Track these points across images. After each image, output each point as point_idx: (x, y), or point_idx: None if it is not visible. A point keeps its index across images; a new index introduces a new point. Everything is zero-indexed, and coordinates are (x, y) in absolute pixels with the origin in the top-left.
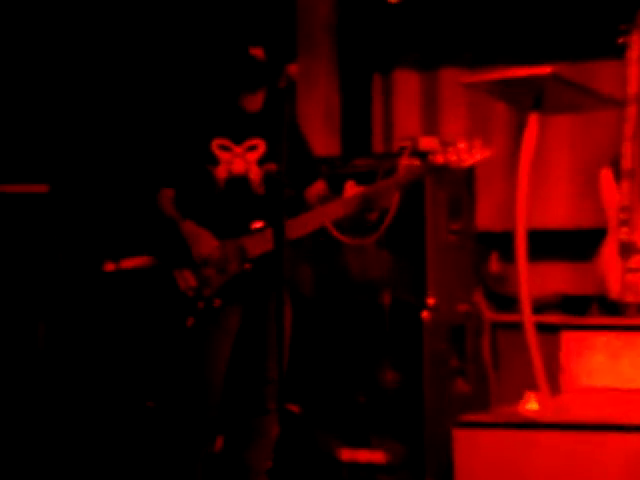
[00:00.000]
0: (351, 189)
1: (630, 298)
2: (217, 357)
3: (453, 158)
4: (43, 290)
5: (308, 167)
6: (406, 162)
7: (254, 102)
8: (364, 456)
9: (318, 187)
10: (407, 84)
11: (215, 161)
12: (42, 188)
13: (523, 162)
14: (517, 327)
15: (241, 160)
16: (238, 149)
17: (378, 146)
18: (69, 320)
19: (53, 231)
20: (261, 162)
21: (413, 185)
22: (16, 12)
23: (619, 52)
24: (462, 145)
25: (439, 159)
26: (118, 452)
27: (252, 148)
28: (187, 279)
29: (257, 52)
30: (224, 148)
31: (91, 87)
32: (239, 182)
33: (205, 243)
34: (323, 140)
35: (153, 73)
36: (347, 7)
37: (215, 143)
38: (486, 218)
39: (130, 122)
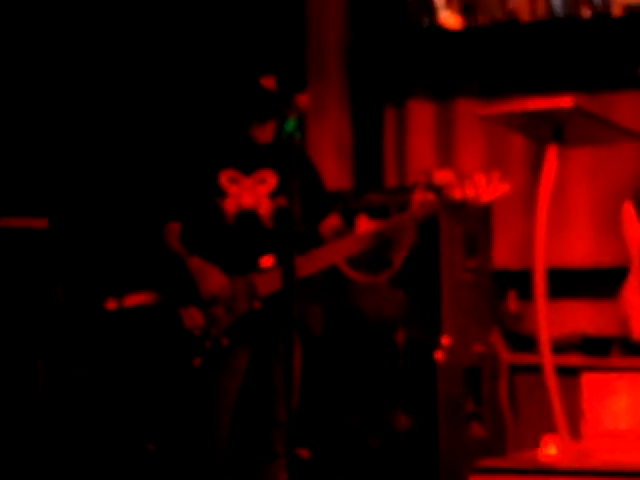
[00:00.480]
0: (363, 225)
1: None
2: (224, 399)
3: (471, 193)
4: (42, 327)
5: (320, 201)
6: (420, 197)
7: (264, 133)
8: None
9: (332, 222)
10: (421, 115)
11: (223, 194)
12: (41, 223)
13: (542, 197)
14: (536, 369)
15: (250, 193)
16: (247, 182)
17: (391, 180)
18: (69, 359)
19: (53, 267)
20: (272, 195)
21: (428, 221)
22: (18, 46)
23: (639, 83)
24: (480, 180)
25: (456, 194)
26: None
27: (262, 181)
28: (194, 317)
29: (268, 82)
30: (233, 180)
31: (94, 119)
32: (248, 216)
33: (214, 280)
34: (334, 173)
35: (160, 103)
36: (358, 35)
37: (224, 175)
38: (503, 255)
39: (135, 154)
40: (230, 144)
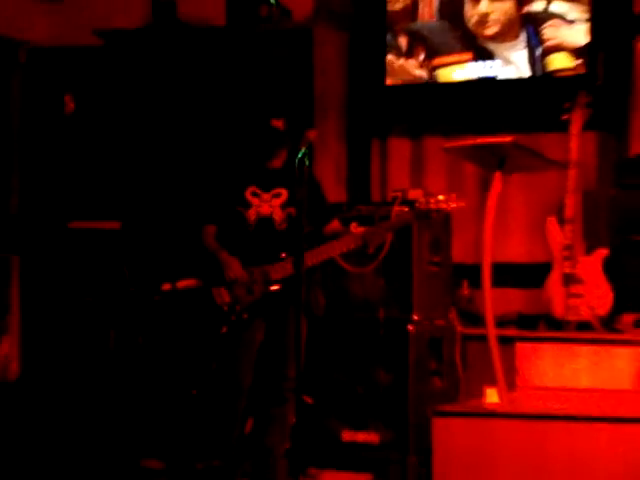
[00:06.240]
0: (355, 229)
1: (571, 317)
2: (245, 358)
3: (435, 206)
4: (114, 305)
5: (324, 210)
6: (397, 209)
7: (277, 161)
8: (362, 437)
9: (333, 226)
10: (399, 148)
11: (248, 205)
12: (115, 225)
13: (489, 210)
14: (482, 338)
15: (267, 205)
16: (266, 196)
17: (376, 195)
18: (134, 328)
19: (123, 259)
20: (284, 206)
21: (403, 227)
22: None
23: (562, 126)
24: (442, 197)
25: (423, 206)
26: (172, 428)
27: (277, 195)
28: (222, 296)
29: (278, 123)
30: (255, 195)
31: (159, 152)
32: (266, 221)
33: (236, 270)
34: (333, 189)
35: (205, 141)
36: (353, 88)
37: (249, 190)
38: (460, 253)
39: (186, 175)
40: (253, 169)
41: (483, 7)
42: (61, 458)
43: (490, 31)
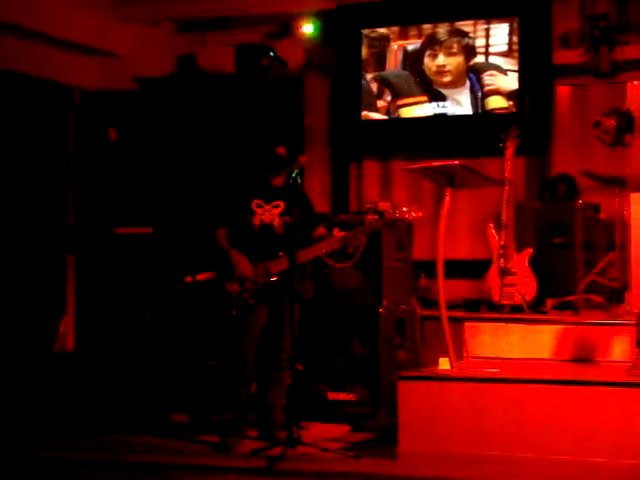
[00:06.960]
0: (337, 233)
1: (505, 302)
2: (251, 334)
3: (399, 216)
4: (148, 293)
5: (312, 219)
6: (370, 217)
7: (278, 180)
8: (342, 397)
9: (320, 231)
10: (371, 169)
11: (253, 213)
12: (149, 230)
13: (441, 218)
14: (437, 319)
15: (269, 214)
16: (267, 207)
17: (353, 207)
18: (164, 311)
19: (155, 256)
20: (281, 215)
21: (375, 232)
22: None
23: (498, 152)
24: (405, 208)
25: (390, 216)
26: (195, 389)
27: (276, 207)
28: (233, 286)
29: (281, 150)
30: (259, 206)
31: (182, 172)
32: (267, 227)
33: (244, 265)
34: (319, 202)
35: (222, 166)
36: (335, 122)
37: (254, 202)
38: (419, 251)
39: (202, 191)
40: (259, 186)
41: (440, 60)
42: (107, 410)
43: (446, 79)
